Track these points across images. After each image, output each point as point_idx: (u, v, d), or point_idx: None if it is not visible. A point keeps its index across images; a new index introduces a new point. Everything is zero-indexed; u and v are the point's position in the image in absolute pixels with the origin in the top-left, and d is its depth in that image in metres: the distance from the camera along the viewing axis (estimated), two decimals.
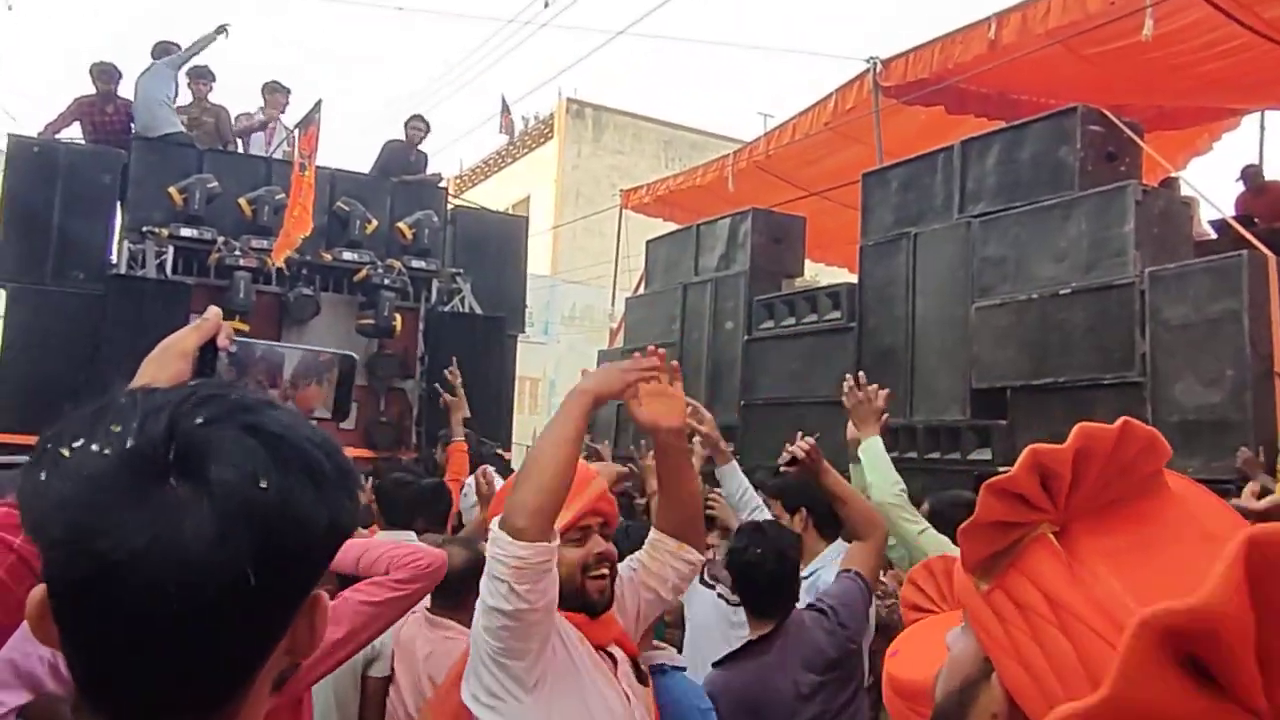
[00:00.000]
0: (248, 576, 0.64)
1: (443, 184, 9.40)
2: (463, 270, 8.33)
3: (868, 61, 7.50)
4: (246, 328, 7.32)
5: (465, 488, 4.06)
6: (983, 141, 5.60)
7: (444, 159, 29.80)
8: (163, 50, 7.83)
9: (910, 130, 7.81)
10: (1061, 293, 4.86)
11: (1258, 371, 4.13)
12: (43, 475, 0.65)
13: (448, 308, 8.14)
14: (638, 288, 9.23)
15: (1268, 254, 4.35)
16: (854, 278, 6.51)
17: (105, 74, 7.82)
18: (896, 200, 6.05)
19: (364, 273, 7.71)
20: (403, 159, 8.56)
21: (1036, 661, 0.72)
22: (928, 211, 5.81)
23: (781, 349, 6.68)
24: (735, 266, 7.25)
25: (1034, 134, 5.29)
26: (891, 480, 2.97)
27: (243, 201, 7.47)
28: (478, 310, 8.13)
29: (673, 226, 9.44)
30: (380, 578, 2.05)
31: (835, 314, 6.30)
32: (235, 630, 0.66)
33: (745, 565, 2.59)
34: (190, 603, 0.63)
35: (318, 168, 7.27)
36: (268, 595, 0.67)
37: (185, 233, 7.25)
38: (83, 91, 7.89)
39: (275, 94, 8.74)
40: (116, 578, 0.62)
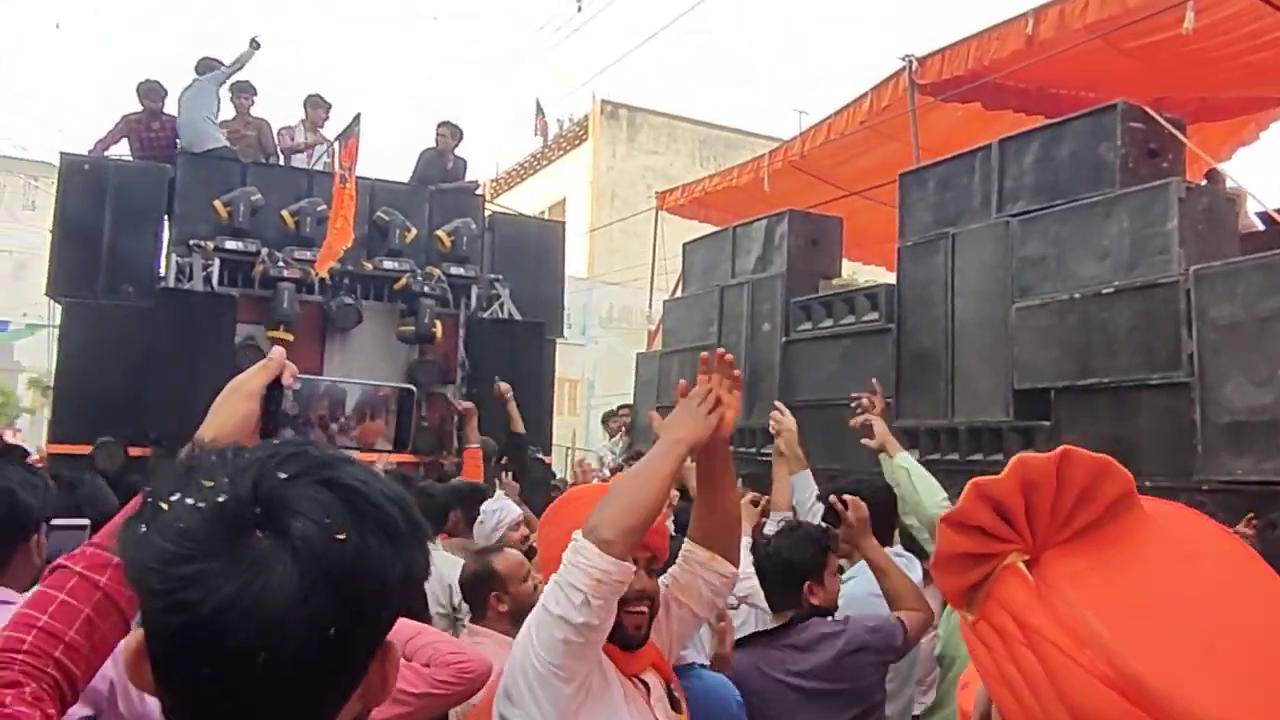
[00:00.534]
0: (328, 625, 0.69)
1: (479, 191, 9.49)
2: (501, 276, 8.41)
3: (903, 59, 7.45)
4: (291, 337, 7.46)
5: (482, 514, 4.00)
6: (1021, 140, 5.54)
7: (480, 163, 29.99)
8: (206, 66, 8.00)
9: (947, 126, 7.75)
10: (1104, 292, 4.80)
11: None
12: (143, 529, 0.71)
13: (487, 313, 8.22)
14: (675, 290, 9.25)
15: None
16: (892, 276, 6.48)
17: (152, 92, 8.01)
18: (934, 200, 6.01)
19: (404, 281, 7.82)
20: (440, 166, 8.65)
21: (1016, 682, 0.76)
22: (966, 211, 5.76)
23: (819, 351, 6.67)
24: (772, 268, 7.24)
25: (1073, 131, 5.23)
26: (935, 492, 2.99)
27: (285, 213, 7.61)
28: (516, 316, 8.20)
29: (709, 228, 9.44)
30: (423, 669, 2.01)
31: (873, 315, 6.27)
32: (315, 676, 0.71)
33: (763, 558, 2.73)
34: (275, 649, 0.67)
35: (357, 178, 7.39)
36: (345, 642, 0.71)
37: (230, 245, 7.40)
38: (130, 109, 8.09)
39: (316, 108, 8.87)
40: (206, 626, 0.67)
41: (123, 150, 8.09)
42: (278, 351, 1.15)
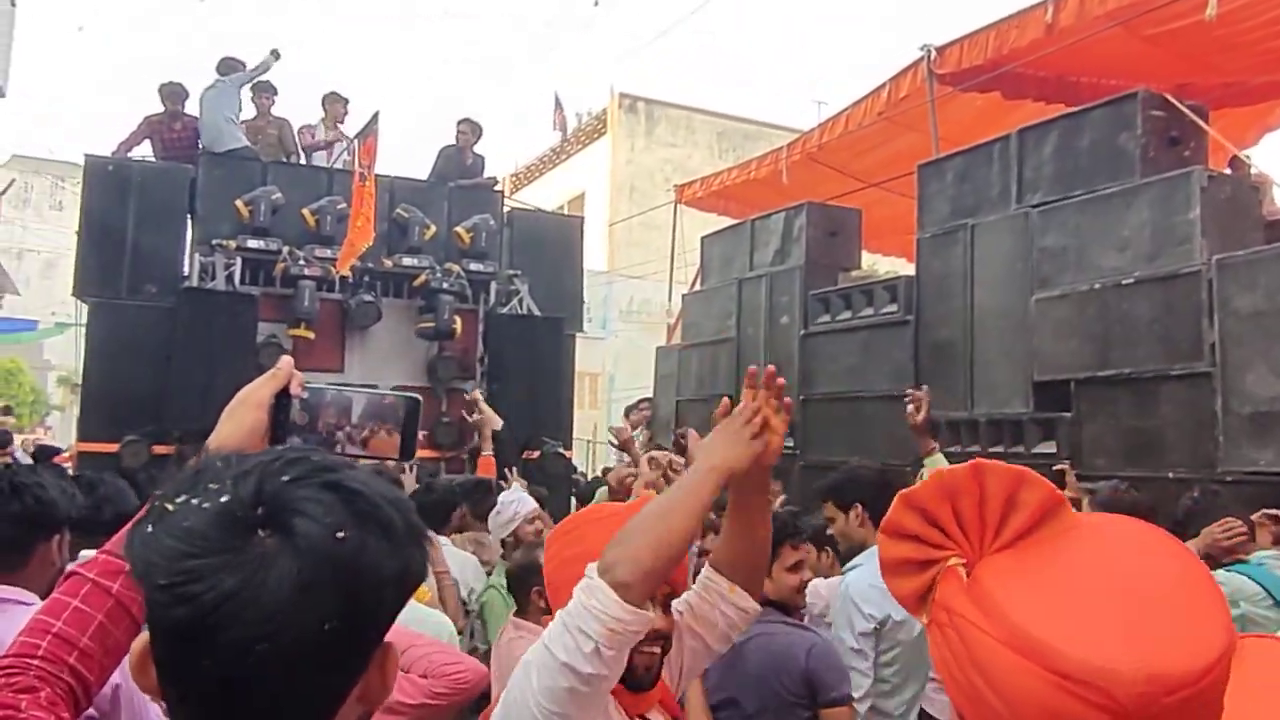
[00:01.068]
0: (327, 619, 0.71)
1: (498, 187, 9.52)
2: (520, 271, 8.43)
3: (922, 49, 7.40)
4: (312, 335, 7.52)
5: (499, 505, 4.03)
6: (1040, 130, 5.50)
7: (498, 159, 30.08)
8: (228, 67, 8.08)
9: (966, 116, 7.68)
10: (1124, 283, 4.76)
11: None
12: (150, 528, 0.74)
13: (506, 309, 8.25)
14: (694, 283, 9.25)
15: None
16: (912, 267, 6.45)
17: (173, 93, 8.10)
18: (953, 191, 5.97)
19: (423, 278, 7.85)
20: (459, 163, 8.69)
21: (949, 664, 0.86)
22: (985, 202, 5.73)
23: (838, 343, 6.66)
24: (790, 261, 7.23)
25: (1093, 121, 5.18)
26: None
27: (306, 212, 7.66)
28: (536, 312, 8.22)
29: (728, 220, 9.43)
30: (419, 680, 2.00)
31: (892, 307, 6.25)
32: (313, 671, 0.73)
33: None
34: (274, 641, 0.69)
35: (377, 176, 7.43)
36: (343, 638, 0.73)
37: (252, 244, 7.45)
38: (151, 110, 8.18)
39: (335, 103, 8.94)
40: (208, 618, 0.69)
41: (145, 151, 8.18)
42: (285, 361, 1.17)
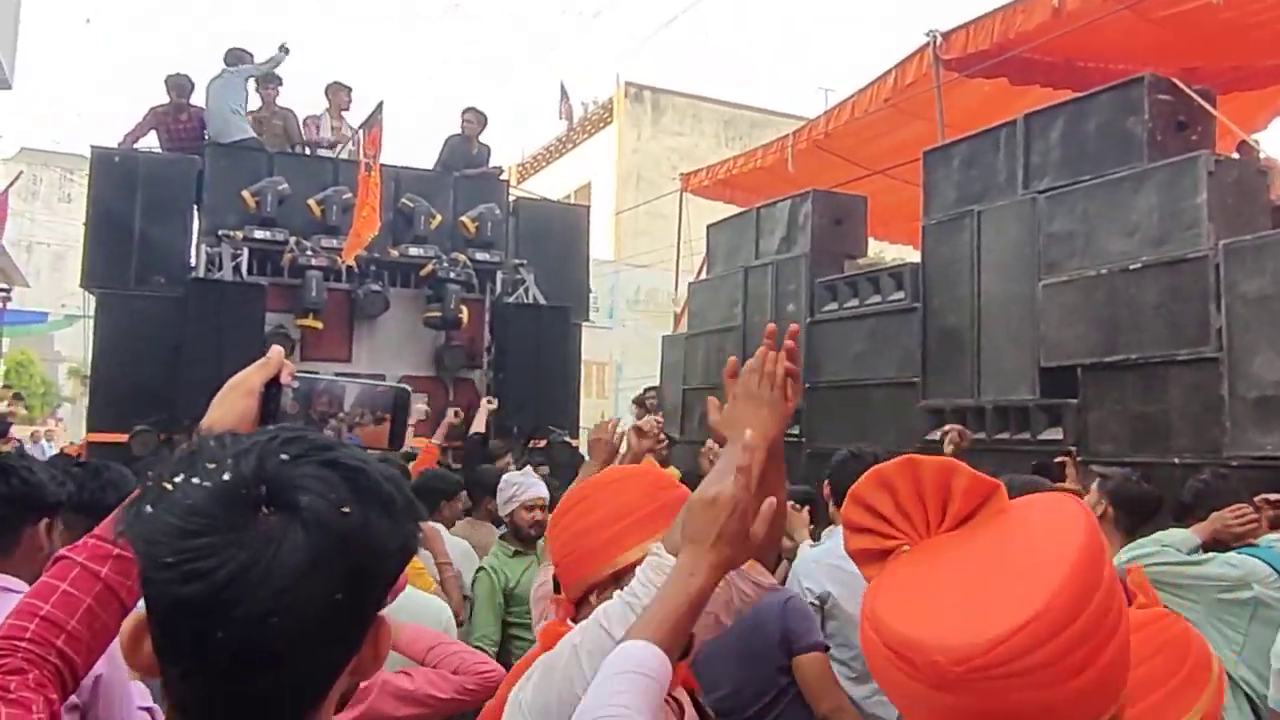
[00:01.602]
0: (334, 592, 0.72)
1: (503, 176, 9.52)
2: (526, 261, 8.45)
3: (928, 35, 7.36)
4: (319, 325, 7.55)
5: (503, 483, 4.06)
6: (1047, 115, 5.46)
7: (504, 148, 30.00)
8: (235, 59, 8.09)
9: (973, 102, 7.65)
10: (1131, 268, 4.74)
11: None
12: (148, 508, 0.74)
13: (512, 298, 8.27)
14: (700, 272, 9.24)
15: None
16: (918, 255, 6.43)
17: (179, 85, 8.12)
18: (959, 177, 5.95)
19: (430, 267, 7.88)
20: (464, 153, 8.69)
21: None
22: (991, 188, 5.70)
23: (845, 331, 6.64)
24: (796, 249, 7.21)
25: (1100, 105, 5.15)
26: None
27: (312, 202, 7.68)
28: (542, 301, 8.24)
29: (734, 209, 9.40)
30: (451, 675, 2.06)
31: (899, 294, 6.23)
32: (319, 644, 0.74)
33: None
34: (285, 615, 0.70)
35: (382, 166, 7.45)
36: (348, 611, 0.75)
37: (259, 234, 7.49)
38: (157, 101, 8.19)
39: (339, 92, 8.95)
40: (221, 593, 0.70)
41: (151, 142, 8.20)
42: (275, 350, 1.19)
